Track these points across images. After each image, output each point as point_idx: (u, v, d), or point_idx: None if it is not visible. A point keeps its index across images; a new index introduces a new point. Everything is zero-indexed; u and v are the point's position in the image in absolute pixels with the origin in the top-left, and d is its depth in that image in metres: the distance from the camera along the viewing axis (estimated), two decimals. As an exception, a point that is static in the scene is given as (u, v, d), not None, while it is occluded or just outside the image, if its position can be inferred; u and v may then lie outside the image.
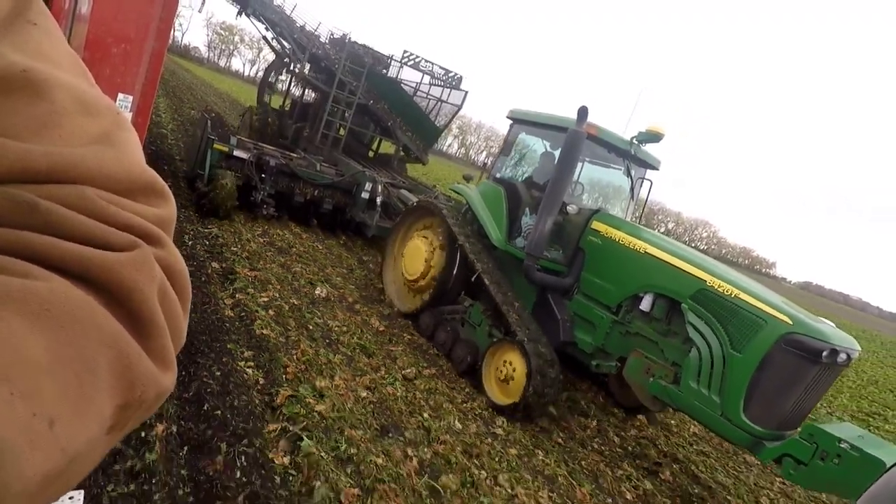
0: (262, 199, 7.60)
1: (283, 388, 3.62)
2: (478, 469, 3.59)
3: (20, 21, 0.42)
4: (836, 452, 3.36)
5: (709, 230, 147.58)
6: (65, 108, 0.42)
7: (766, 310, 3.90)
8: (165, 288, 0.43)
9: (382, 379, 4.41)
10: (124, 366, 0.37)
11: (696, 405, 4.07)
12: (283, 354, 4.09)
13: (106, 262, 0.38)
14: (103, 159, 0.43)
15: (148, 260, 0.41)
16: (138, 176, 0.46)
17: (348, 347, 4.77)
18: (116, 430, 0.38)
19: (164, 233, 0.46)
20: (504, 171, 6.32)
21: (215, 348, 3.92)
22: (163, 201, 0.48)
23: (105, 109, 0.47)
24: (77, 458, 0.34)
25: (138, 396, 0.39)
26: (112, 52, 3.31)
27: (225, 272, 5.44)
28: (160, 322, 0.41)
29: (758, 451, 3.78)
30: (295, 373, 3.89)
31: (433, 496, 3.16)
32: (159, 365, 0.41)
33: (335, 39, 12.30)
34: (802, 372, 3.70)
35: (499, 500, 3.34)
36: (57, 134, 0.41)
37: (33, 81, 0.41)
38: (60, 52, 0.46)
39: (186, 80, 32.97)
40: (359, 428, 3.52)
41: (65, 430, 0.32)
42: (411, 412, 4.04)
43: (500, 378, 4.84)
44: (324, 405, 3.57)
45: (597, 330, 5.00)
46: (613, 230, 5.10)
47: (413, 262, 6.25)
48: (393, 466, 3.24)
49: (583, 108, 4.89)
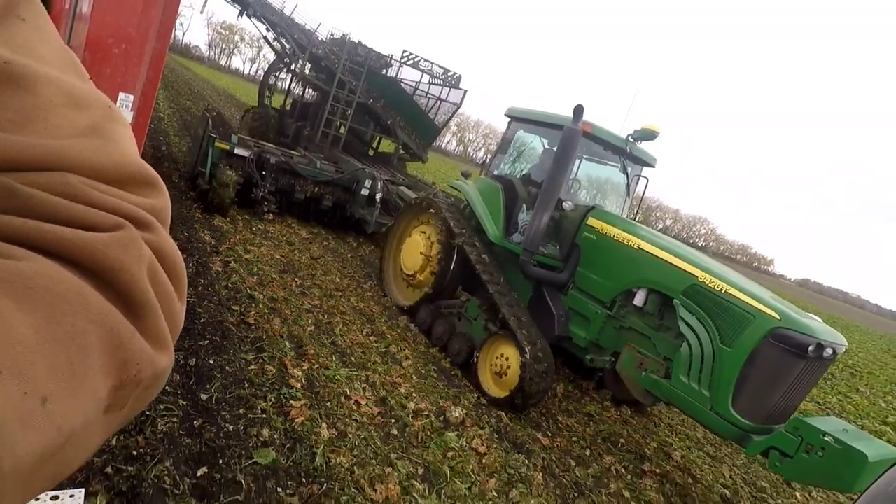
0: (263, 196, 7.69)
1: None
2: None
3: (8, 16, 0.42)
4: (821, 445, 3.43)
5: (707, 227, 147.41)
6: (50, 101, 0.42)
7: (754, 305, 3.97)
8: (156, 268, 0.42)
9: (293, 254, 6.74)
10: (116, 344, 0.37)
11: (686, 399, 4.14)
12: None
13: (90, 242, 0.38)
14: (90, 150, 0.42)
15: (134, 240, 0.41)
16: (126, 166, 0.45)
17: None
18: (115, 411, 0.38)
19: (154, 219, 0.45)
20: (502, 168, 6.39)
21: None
22: (154, 192, 0.48)
23: (95, 102, 0.46)
24: (73, 436, 0.34)
25: (134, 375, 0.38)
26: (113, 51, 3.37)
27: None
28: (152, 301, 0.41)
29: (745, 445, 3.86)
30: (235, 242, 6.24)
31: (304, 295, 5.52)
32: (153, 344, 0.40)
33: (335, 39, 12.36)
34: (789, 366, 3.77)
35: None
36: (42, 126, 0.41)
37: (16, 74, 0.40)
38: (49, 48, 0.45)
39: (184, 77, 33.60)
40: (269, 266, 5.86)
41: (58, 407, 0.32)
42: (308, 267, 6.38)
43: (494, 371, 4.92)
44: (249, 256, 5.95)
45: (591, 324, 5.07)
46: (608, 226, 5.17)
47: (411, 257, 6.33)
48: (282, 282, 5.48)
49: (578, 107, 4.96)
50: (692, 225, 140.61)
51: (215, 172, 7.02)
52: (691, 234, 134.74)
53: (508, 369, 4.78)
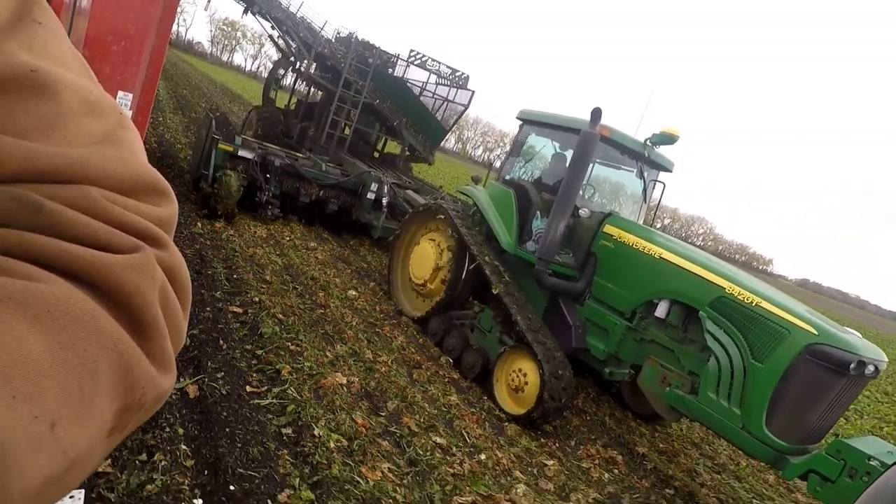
0: (267, 199, 7.48)
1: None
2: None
3: (27, 20, 0.42)
4: (866, 470, 3.22)
5: (705, 226, 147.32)
6: (71, 108, 0.42)
7: (789, 319, 3.76)
8: (166, 290, 0.43)
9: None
10: (125, 369, 0.37)
11: (715, 416, 3.93)
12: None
13: (108, 264, 0.38)
14: (107, 159, 0.43)
15: (150, 263, 0.42)
16: (141, 175, 0.46)
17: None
18: (116, 433, 0.39)
19: (165, 233, 0.46)
20: (514, 173, 6.18)
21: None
22: (165, 200, 0.49)
23: (109, 109, 0.47)
24: (78, 460, 0.34)
25: (138, 399, 0.39)
26: (112, 49, 3.22)
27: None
28: (160, 325, 0.41)
29: (782, 467, 3.65)
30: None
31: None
32: (158, 367, 0.41)
33: (341, 38, 12.17)
34: (829, 384, 3.57)
35: None
36: (62, 135, 0.41)
37: (42, 82, 0.41)
38: (65, 52, 0.46)
39: (184, 70, 33.81)
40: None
41: (66, 432, 0.32)
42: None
43: (511, 387, 4.71)
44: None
45: (610, 336, 4.86)
46: (626, 234, 4.96)
47: (421, 266, 6.12)
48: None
49: (596, 110, 4.75)
50: (690, 224, 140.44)
51: (219, 175, 6.83)
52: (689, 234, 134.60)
53: (526, 385, 4.56)
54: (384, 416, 3.84)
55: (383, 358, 4.77)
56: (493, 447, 3.96)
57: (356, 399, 3.90)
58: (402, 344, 5.31)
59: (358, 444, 3.31)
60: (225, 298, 4.81)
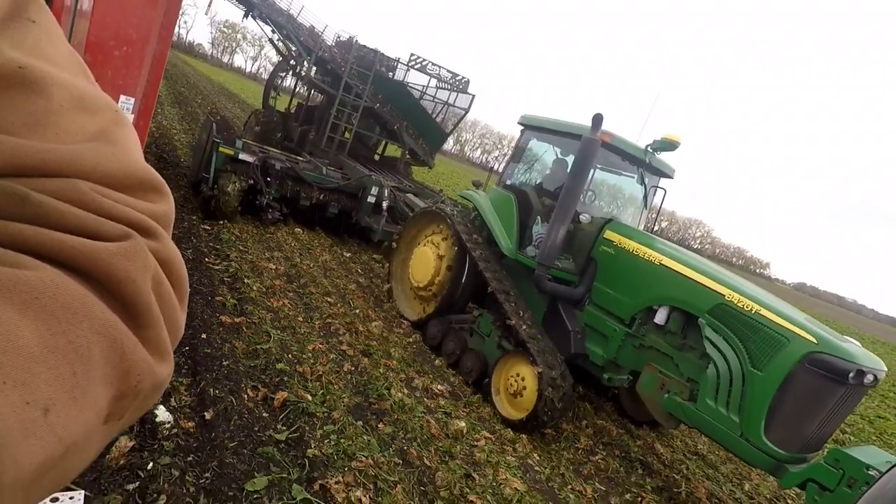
0: (268, 202, 7.48)
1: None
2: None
3: (20, 18, 0.42)
4: (865, 479, 3.22)
5: (702, 229, 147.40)
6: (61, 105, 0.42)
7: (789, 327, 3.76)
8: (160, 279, 0.43)
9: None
10: (118, 354, 0.37)
11: (713, 424, 3.92)
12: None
13: (97, 252, 0.38)
14: (99, 155, 0.43)
15: (140, 250, 0.41)
16: (135, 172, 0.46)
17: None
18: (114, 421, 0.38)
19: (160, 226, 0.45)
20: (515, 178, 6.18)
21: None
22: (160, 197, 0.48)
23: (104, 107, 0.46)
24: (73, 446, 0.34)
25: (134, 386, 0.39)
26: (114, 54, 3.22)
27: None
28: (155, 312, 0.41)
29: (780, 475, 3.64)
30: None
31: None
32: (155, 355, 0.41)
33: (342, 42, 12.19)
34: (828, 393, 3.56)
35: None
36: (53, 131, 0.41)
37: (30, 78, 0.40)
38: (59, 50, 0.45)
39: (183, 71, 34.86)
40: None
41: (60, 417, 0.32)
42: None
43: (510, 392, 4.71)
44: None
45: (609, 342, 4.85)
46: (627, 240, 4.96)
47: (420, 270, 6.12)
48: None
49: (598, 116, 4.76)
50: (687, 227, 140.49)
51: (219, 178, 6.83)
52: (686, 237, 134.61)
53: (524, 390, 4.56)
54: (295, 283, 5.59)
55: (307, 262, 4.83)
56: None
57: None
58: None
59: (270, 290, 5.35)
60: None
